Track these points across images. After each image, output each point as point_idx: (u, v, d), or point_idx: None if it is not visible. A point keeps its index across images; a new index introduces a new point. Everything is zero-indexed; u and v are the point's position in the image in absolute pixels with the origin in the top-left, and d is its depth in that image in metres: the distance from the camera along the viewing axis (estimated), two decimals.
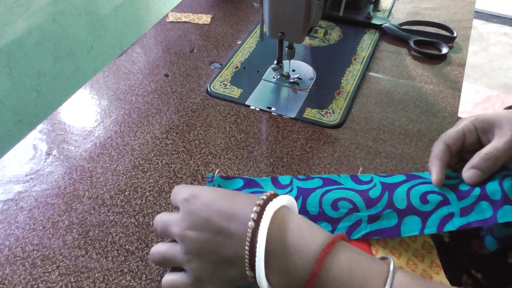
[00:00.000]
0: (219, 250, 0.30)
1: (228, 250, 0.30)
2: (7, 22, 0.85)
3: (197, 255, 0.31)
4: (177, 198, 0.34)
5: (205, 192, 0.33)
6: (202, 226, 0.31)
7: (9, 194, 0.46)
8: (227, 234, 0.30)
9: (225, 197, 0.32)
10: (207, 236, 0.30)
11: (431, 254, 0.38)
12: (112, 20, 1.16)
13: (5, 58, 0.87)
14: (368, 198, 0.40)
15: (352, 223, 0.39)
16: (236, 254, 0.30)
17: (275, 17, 0.52)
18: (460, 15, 0.75)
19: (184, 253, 0.32)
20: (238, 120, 0.55)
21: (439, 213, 0.37)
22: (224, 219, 0.30)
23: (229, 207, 0.31)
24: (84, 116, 0.56)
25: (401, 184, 0.40)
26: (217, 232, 0.30)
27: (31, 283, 0.38)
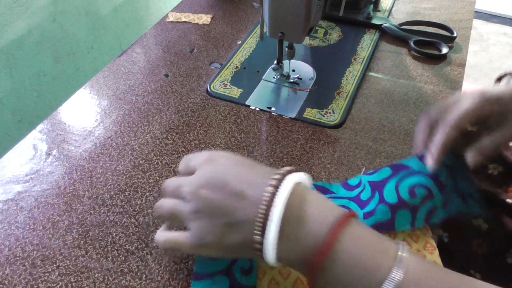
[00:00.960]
0: (230, 212, 0.30)
1: (239, 214, 0.29)
2: (7, 22, 0.85)
3: (206, 215, 0.31)
4: (193, 162, 0.34)
5: (225, 157, 0.33)
6: (217, 186, 0.31)
7: (9, 194, 0.46)
8: (242, 197, 0.30)
9: (244, 164, 0.33)
10: (221, 197, 0.30)
11: (432, 254, 0.38)
12: (112, 20, 1.16)
13: (5, 58, 0.87)
14: (360, 201, 0.41)
15: (430, 207, 0.39)
16: (247, 218, 0.29)
17: (275, 17, 0.52)
18: (460, 15, 0.75)
19: (193, 211, 0.31)
20: (238, 120, 0.55)
21: (425, 207, 0.38)
22: (241, 182, 0.30)
23: (247, 172, 0.31)
24: (84, 116, 0.56)
25: (388, 180, 0.40)
26: (231, 194, 0.30)
27: (31, 283, 0.38)
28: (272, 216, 0.28)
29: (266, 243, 0.28)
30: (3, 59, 0.87)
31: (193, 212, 0.31)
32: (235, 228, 0.30)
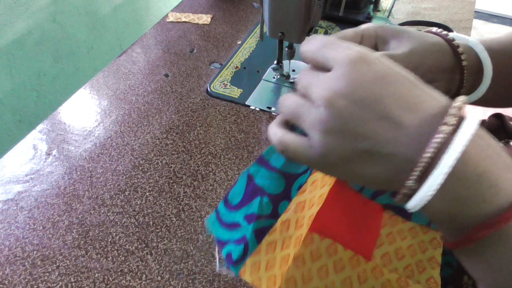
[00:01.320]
0: (374, 139, 0.23)
1: (389, 145, 0.23)
2: (7, 22, 0.85)
3: (338, 131, 0.23)
4: (333, 54, 0.24)
5: (383, 62, 0.24)
6: (365, 101, 0.23)
7: (9, 194, 0.46)
8: (397, 125, 0.22)
9: (407, 78, 0.24)
10: (366, 117, 0.23)
11: (435, 250, 0.38)
12: (112, 20, 1.16)
13: (5, 58, 0.87)
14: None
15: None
16: (401, 155, 0.22)
17: (275, 17, 0.52)
18: (460, 15, 0.75)
19: (321, 122, 0.24)
20: (238, 120, 0.55)
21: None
22: (399, 105, 0.23)
23: (412, 93, 0.23)
24: (84, 116, 0.56)
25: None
26: (382, 117, 0.23)
27: (31, 283, 0.38)
28: (441, 165, 0.21)
29: (419, 193, 0.22)
30: (3, 59, 0.87)
31: (321, 122, 0.24)
32: (376, 159, 0.23)
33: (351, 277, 0.32)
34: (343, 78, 0.23)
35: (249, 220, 0.34)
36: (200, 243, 0.41)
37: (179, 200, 0.45)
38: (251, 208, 0.34)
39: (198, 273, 0.39)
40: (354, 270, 0.32)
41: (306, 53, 0.26)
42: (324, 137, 0.24)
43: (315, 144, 0.24)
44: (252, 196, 0.34)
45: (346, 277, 0.32)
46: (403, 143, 0.22)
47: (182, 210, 0.44)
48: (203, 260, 0.40)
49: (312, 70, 0.26)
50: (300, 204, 0.33)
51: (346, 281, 0.32)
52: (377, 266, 0.34)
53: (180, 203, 0.45)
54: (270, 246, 0.33)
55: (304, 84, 0.26)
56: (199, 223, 0.43)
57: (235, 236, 0.34)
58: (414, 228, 0.38)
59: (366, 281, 0.32)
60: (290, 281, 0.32)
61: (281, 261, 0.32)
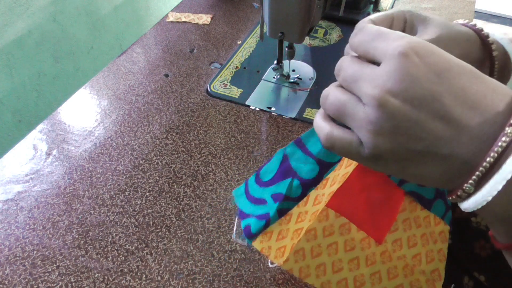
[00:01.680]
0: (430, 141, 0.21)
1: (445, 145, 0.21)
2: (7, 22, 0.85)
3: (391, 135, 0.22)
4: (383, 44, 0.22)
5: (438, 53, 0.22)
6: (420, 100, 0.21)
7: (9, 194, 0.46)
8: (455, 124, 0.21)
9: (466, 70, 0.22)
10: (422, 117, 0.21)
11: (443, 244, 0.38)
12: (112, 20, 1.16)
13: (5, 58, 0.87)
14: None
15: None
16: (457, 153, 0.21)
17: (275, 17, 0.52)
18: (460, 15, 0.75)
19: (372, 123, 0.22)
20: (238, 120, 0.55)
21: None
22: (459, 102, 0.21)
23: (473, 87, 0.21)
24: (84, 116, 0.56)
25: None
26: (440, 117, 0.21)
27: (31, 283, 0.38)
28: (504, 170, 0.20)
29: (476, 196, 0.21)
30: (3, 59, 0.87)
31: (372, 123, 0.22)
32: (433, 160, 0.22)
33: (359, 258, 0.32)
34: (394, 74, 0.21)
35: (275, 198, 0.34)
36: (200, 243, 0.41)
37: (179, 200, 0.45)
38: (280, 187, 0.34)
39: (198, 273, 0.39)
40: (364, 251, 0.32)
41: (356, 45, 0.24)
42: (376, 138, 0.22)
43: (365, 144, 0.23)
44: (284, 176, 0.34)
45: (354, 257, 0.32)
46: (463, 144, 0.21)
47: (182, 210, 0.44)
48: (203, 260, 0.40)
49: (358, 61, 0.24)
50: (322, 182, 0.34)
51: (353, 261, 0.32)
52: (386, 251, 0.34)
53: (180, 203, 0.45)
54: (285, 218, 0.34)
55: (349, 77, 0.24)
56: (199, 223, 0.43)
57: (259, 211, 0.35)
58: (428, 217, 0.37)
59: (373, 264, 0.32)
60: (299, 253, 0.31)
61: (293, 234, 0.32)
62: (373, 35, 0.23)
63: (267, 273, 0.39)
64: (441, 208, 0.36)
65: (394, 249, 0.34)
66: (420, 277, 0.34)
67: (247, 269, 0.39)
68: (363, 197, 0.33)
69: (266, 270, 0.39)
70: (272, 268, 0.39)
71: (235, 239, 0.41)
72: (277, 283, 0.38)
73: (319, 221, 0.32)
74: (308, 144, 0.35)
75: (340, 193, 0.32)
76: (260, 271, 0.39)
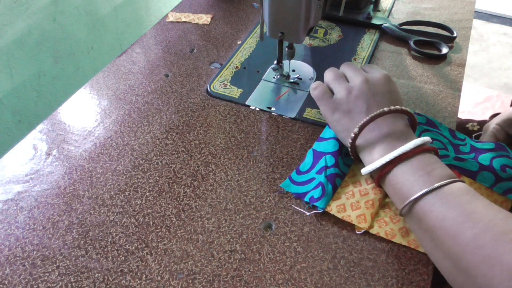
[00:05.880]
0: (347, 110, 0.44)
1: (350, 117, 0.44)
2: (7, 22, 0.85)
3: (358, 97, 0.44)
4: (354, 77, 0.46)
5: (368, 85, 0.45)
6: (378, 86, 0.44)
7: (9, 194, 0.46)
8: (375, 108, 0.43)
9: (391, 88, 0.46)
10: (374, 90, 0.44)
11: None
12: (112, 20, 1.16)
13: (5, 58, 0.87)
14: (458, 150, 0.48)
15: (440, 153, 0.45)
16: (358, 118, 0.43)
17: (275, 17, 0.52)
18: (460, 15, 0.75)
19: (347, 88, 0.45)
20: (238, 120, 0.55)
21: (509, 183, 0.44)
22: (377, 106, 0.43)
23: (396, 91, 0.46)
24: (84, 116, 0.56)
25: (488, 151, 0.46)
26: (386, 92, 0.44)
27: (31, 283, 0.38)
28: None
29: (359, 140, 0.43)
30: (3, 59, 0.87)
31: (347, 89, 0.45)
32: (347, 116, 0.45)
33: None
34: (366, 80, 0.45)
35: (320, 172, 0.45)
36: (200, 243, 0.41)
37: (179, 200, 0.45)
38: (320, 165, 0.46)
39: (198, 273, 0.39)
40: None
41: (343, 70, 0.49)
42: (347, 97, 0.45)
43: (335, 93, 0.47)
44: (317, 159, 0.47)
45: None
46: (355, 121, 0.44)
47: (182, 210, 0.44)
48: (203, 260, 0.40)
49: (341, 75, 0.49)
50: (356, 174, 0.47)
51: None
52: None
53: (180, 203, 0.45)
54: (348, 194, 0.44)
55: (353, 70, 0.48)
56: (199, 223, 0.43)
57: (312, 186, 0.45)
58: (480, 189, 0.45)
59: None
60: (380, 221, 0.43)
61: (365, 204, 0.43)
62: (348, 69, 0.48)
63: (267, 273, 0.39)
64: (489, 178, 0.44)
65: None
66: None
67: (247, 269, 0.39)
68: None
69: (266, 270, 0.39)
70: (272, 268, 0.39)
71: (299, 209, 0.44)
72: (277, 283, 0.38)
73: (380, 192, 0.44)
74: (325, 135, 0.50)
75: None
76: (260, 271, 0.39)
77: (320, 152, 0.48)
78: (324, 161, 0.46)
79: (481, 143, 0.48)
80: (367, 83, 0.44)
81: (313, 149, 0.48)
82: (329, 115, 0.46)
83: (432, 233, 0.35)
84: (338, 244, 0.41)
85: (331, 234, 0.42)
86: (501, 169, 0.44)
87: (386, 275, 0.38)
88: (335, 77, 0.48)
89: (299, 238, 0.41)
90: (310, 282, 0.38)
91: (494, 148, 0.47)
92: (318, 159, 0.47)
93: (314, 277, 0.38)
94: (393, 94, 0.45)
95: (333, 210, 0.43)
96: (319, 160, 0.47)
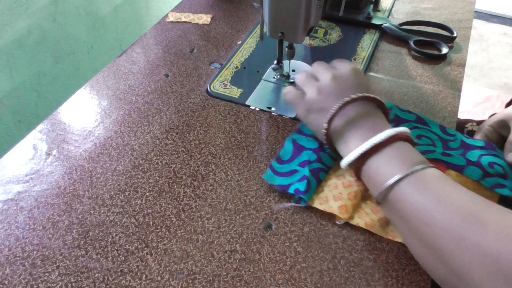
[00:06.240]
0: (318, 109, 0.45)
1: (320, 113, 0.45)
2: (7, 22, 0.85)
3: (328, 94, 0.45)
4: (323, 76, 0.47)
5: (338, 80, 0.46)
6: (347, 80, 0.45)
7: (9, 194, 0.46)
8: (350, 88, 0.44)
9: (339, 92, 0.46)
10: (343, 85, 0.45)
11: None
12: (112, 20, 1.16)
13: (5, 58, 0.87)
14: (447, 146, 0.49)
15: (427, 149, 0.47)
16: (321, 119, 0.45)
17: (275, 17, 0.52)
18: (460, 15, 0.75)
19: (317, 87, 0.46)
20: (238, 120, 0.55)
21: (496, 179, 0.44)
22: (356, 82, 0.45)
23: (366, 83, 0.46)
24: (84, 116, 0.56)
25: (478, 149, 0.48)
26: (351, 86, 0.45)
27: (31, 283, 0.38)
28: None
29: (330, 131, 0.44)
30: (3, 59, 0.87)
31: (317, 87, 0.46)
32: (319, 114, 0.45)
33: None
34: (334, 77, 0.46)
35: (303, 165, 0.46)
36: (200, 243, 0.41)
37: (179, 200, 0.45)
38: (302, 158, 0.47)
39: (198, 273, 0.39)
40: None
41: (312, 71, 0.50)
42: (315, 95, 0.46)
43: (307, 94, 0.47)
44: (299, 152, 0.48)
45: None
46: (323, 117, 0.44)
47: (182, 210, 0.44)
48: (203, 260, 0.40)
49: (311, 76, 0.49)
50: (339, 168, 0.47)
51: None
52: None
53: (180, 203, 0.45)
54: (331, 187, 0.45)
55: (319, 69, 0.49)
56: (199, 223, 0.43)
57: (296, 178, 0.45)
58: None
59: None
60: (360, 212, 0.43)
61: (348, 195, 0.43)
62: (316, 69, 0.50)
63: (267, 273, 0.39)
64: (476, 172, 0.45)
65: None
66: None
67: (247, 269, 0.39)
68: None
69: (266, 270, 0.39)
70: (272, 268, 0.39)
71: (277, 206, 0.45)
72: (277, 283, 0.38)
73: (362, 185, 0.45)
74: (304, 130, 0.51)
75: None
76: (260, 271, 0.39)
77: (300, 145, 0.48)
78: (307, 155, 0.47)
79: (472, 139, 0.49)
80: (335, 79, 0.45)
81: (293, 138, 0.49)
82: (304, 116, 0.47)
83: (407, 220, 0.36)
84: (338, 244, 0.41)
85: (331, 234, 0.42)
86: (489, 165, 0.45)
87: (386, 275, 0.38)
88: (305, 79, 0.49)
89: (299, 238, 0.41)
90: (310, 282, 0.38)
91: (484, 146, 0.48)
92: (299, 151, 0.48)
93: (314, 277, 0.38)
94: (363, 86, 0.45)
95: (316, 203, 0.43)
96: (301, 153, 0.48)
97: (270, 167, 0.47)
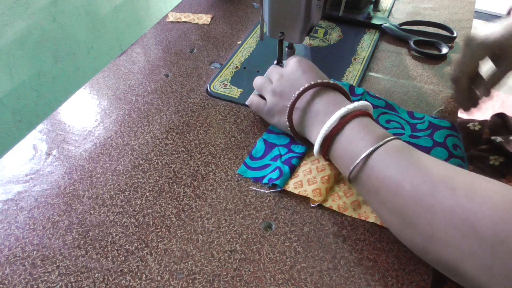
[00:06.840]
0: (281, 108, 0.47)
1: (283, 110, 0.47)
2: (7, 22, 0.85)
3: (281, 93, 0.47)
4: (272, 78, 0.49)
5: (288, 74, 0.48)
6: (292, 74, 0.47)
7: (9, 194, 0.46)
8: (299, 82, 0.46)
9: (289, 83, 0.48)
10: (291, 81, 0.46)
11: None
12: (112, 20, 1.16)
13: (5, 58, 0.87)
14: (415, 129, 0.51)
15: (396, 132, 0.50)
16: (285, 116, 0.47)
17: (275, 17, 0.52)
18: (460, 15, 0.75)
19: (271, 90, 0.48)
20: (238, 120, 0.55)
21: (459, 161, 0.47)
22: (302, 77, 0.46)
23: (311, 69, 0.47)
24: (84, 116, 0.56)
25: (444, 128, 0.50)
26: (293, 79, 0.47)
27: (31, 283, 0.38)
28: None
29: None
30: (3, 59, 0.87)
31: (272, 90, 0.48)
32: (283, 115, 0.48)
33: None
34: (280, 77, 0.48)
35: (275, 159, 0.48)
36: (200, 243, 0.41)
37: (179, 200, 0.45)
38: (273, 154, 0.49)
39: (198, 273, 0.39)
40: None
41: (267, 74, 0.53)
42: (270, 99, 0.49)
43: (267, 103, 0.49)
44: (270, 149, 0.50)
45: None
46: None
47: (182, 210, 0.44)
48: (203, 260, 0.40)
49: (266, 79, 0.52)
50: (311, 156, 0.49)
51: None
52: None
53: (180, 203, 0.45)
54: (305, 171, 0.46)
55: (271, 74, 0.50)
56: (199, 223, 0.43)
57: (269, 171, 0.47)
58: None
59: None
60: (334, 195, 0.45)
61: (321, 179, 0.44)
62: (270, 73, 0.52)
63: (267, 273, 0.39)
64: (443, 153, 0.47)
65: None
66: None
67: (247, 269, 0.39)
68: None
69: (266, 270, 0.39)
70: (272, 268, 0.39)
71: (255, 189, 0.46)
72: (277, 283, 0.38)
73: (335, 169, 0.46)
74: (275, 130, 0.53)
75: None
76: (260, 271, 0.39)
77: (271, 143, 0.50)
78: (278, 150, 0.49)
79: (439, 119, 0.52)
80: (282, 77, 0.47)
81: (264, 139, 0.51)
82: (270, 120, 0.50)
83: (377, 193, 0.36)
84: (338, 244, 0.41)
85: (331, 234, 0.42)
86: (453, 147, 0.48)
87: (386, 275, 0.38)
88: (261, 85, 0.51)
89: (299, 238, 0.41)
90: (310, 282, 0.38)
91: (449, 127, 0.50)
92: (271, 149, 0.50)
93: (314, 277, 0.38)
94: (307, 73, 0.46)
95: (290, 187, 0.45)
96: (272, 149, 0.50)
97: (243, 163, 0.48)
